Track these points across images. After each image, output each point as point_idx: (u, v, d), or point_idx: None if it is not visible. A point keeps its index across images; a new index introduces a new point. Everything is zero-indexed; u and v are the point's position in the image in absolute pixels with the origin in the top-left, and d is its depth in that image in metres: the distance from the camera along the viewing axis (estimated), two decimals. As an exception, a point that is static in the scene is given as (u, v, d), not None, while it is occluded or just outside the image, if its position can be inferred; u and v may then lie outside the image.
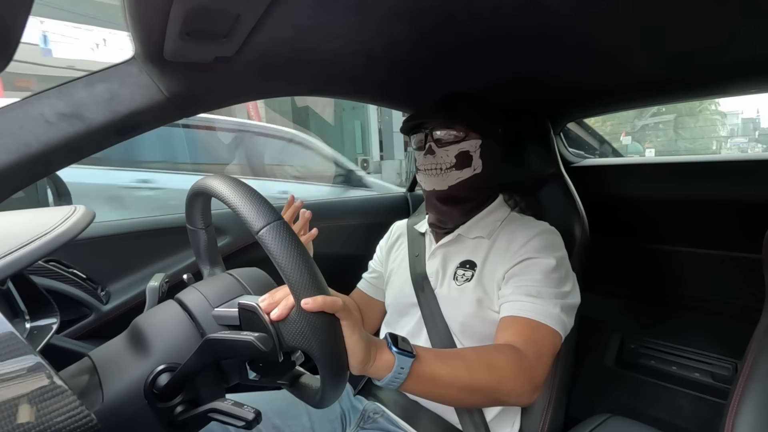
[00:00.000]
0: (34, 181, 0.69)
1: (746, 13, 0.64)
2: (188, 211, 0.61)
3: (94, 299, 1.00)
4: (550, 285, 0.75)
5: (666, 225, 1.24)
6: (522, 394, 0.65)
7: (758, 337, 0.66)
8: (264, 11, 0.59)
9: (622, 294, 1.33)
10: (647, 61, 0.85)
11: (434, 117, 0.88)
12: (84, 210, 0.52)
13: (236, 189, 0.47)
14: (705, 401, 1.03)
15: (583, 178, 1.16)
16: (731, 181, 1.13)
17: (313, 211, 0.94)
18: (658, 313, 1.22)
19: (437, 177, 0.87)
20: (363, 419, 0.88)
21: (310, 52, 0.77)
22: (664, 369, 1.12)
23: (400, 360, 0.54)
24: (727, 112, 14.77)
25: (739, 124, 15.04)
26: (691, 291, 1.20)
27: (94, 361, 0.49)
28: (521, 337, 0.70)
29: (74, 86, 0.68)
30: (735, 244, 1.11)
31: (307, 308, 0.45)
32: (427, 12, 0.65)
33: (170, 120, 0.81)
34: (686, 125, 12.51)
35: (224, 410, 0.47)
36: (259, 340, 0.45)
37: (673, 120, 11.68)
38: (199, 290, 0.55)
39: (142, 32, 0.63)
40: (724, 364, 1.04)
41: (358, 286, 1.07)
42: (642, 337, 1.18)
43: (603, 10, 0.63)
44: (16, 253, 0.41)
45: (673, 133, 11.95)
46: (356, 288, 1.07)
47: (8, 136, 0.63)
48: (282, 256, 0.44)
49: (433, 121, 0.87)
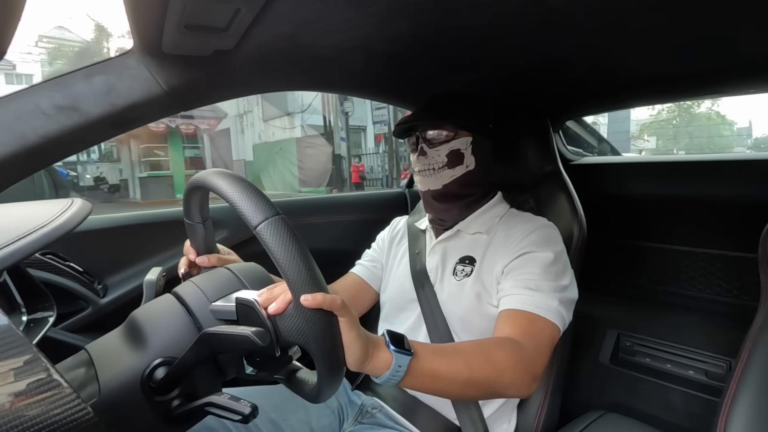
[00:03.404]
0: (30, 173, 0.69)
1: (747, 12, 0.64)
2: (186, 205, 0.60)
3: (91, 292, 1.00)
4: (549, 278, 0.76)
5: (663, 223, 1.25)
6: (521, 386, 0.65)
7: (753, 336, 0.66)
8: (264, 5, 0.58)
9: (618, 292, 1.34)
10: (647, 59, 0.85)
11: (422, 119, 0.89)
12: (81, 203, 0.52)
13: (234, 184, 0.47)
14: (699, 399, 1.03)
15: (582, 176, 1.16)
16: (729, 180, 1.13)
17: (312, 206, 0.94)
18: (654, 311, 1.23)
19: (431, 177, 0.87)
20: (361, 414, 0.89)
21: (309, 47, 0.77)
22: (658, 367, 1.13)
23: (397, 358, 0.54)
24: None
25: (733, 135, 15.82)
26: (688, 289, 1.21)
27: (90, 354, 0.49)
28: (520, 329, 0.70)
29: (72, 78, 0.68)
30: (731, 243, 1.12)
31: (306, 305, 0.45)
32: (427, 7, 0.64)
33: (168, 113, 0.80)
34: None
35: (221, 404, 0.47)
36: (256, 334, 0.45)
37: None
38: (196, 284, 0.54)
39: (141, 24, 0.63)
40: (719, 363, 1.05)
41: (353, 271, 1.05)
42: (637, 335, 1.19)
43: (603, 7, 0.63)
44: (13, 245, 0.41)
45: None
46: (350, 272, 1.06)
47: (5, 127, 0.63)
48: (280, 251, 0.44)
49: (422, 123, 0.88)
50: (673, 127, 18.52)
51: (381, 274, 1.03)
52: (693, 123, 16.90)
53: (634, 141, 17.46)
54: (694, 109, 17.57)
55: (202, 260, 0.69)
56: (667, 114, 18.85)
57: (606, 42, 0.76)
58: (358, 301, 1.01)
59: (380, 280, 1.03)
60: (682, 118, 18.43)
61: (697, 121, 17.45)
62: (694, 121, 17.46)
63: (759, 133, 17.33)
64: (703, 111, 17.39)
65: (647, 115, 18.65)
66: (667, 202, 1.23)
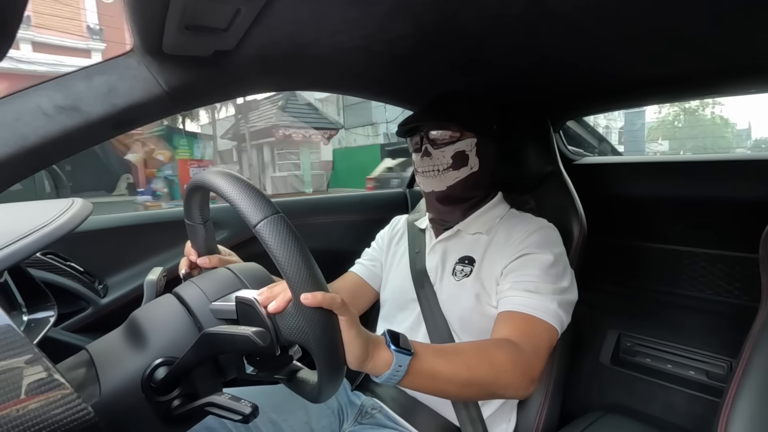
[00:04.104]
0: (31, 173, 0.69)
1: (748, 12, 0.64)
2: (186, 205, 0.61)
3: (92, 292, 1.00)
4: (548, 280, 0.76)
5: (664, 224, 1.25)
6: (518, 387, 0.65)
7: (753, 336, 0.66)
8: (264, 5, 0.58)
9: (618, 292, 1.34)
10: (648, 59, 0.85)
11: (428, 119, 0.88)
12: (82, 203, 0.52)
13: (234, 183, 0.47)
14: (700, 399, 1.03)
15: (582, 176, 1.16)
16: (729, 180, 1.13)
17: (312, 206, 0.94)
18: (655, 311, 1.23)
19: (435, 178, 0.87)
20: (361, 414, 0.89)
21: (309, 47, 0.77)
22: (659, 367, 1.13)
23: (398, 358, 0.54)
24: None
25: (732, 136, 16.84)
26: (688, 289, 1.21)
27: (91, 354, 0.49)
28: (518, 331, 0.70)
29: (72, 78, 0.68)
30: (732, 243, 1.12)
31: (307, 303, 0.45)
32: (428, 8, 0.64)
33: (169, 114, 0.80)
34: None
35: (221, 404, 0.47)
36: (256, 334, 0.45)
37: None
38: (196, 284, 0.55)
39: (141, 25, 0.63)
40: (719, 363, 1.05)
41: (353, 270, 1.05)
42: (638, 335, 1.19)
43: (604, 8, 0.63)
44: (14, 245, 0.41)
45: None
46: (349, 271, 1.05)
47: (5, 128, 0.63)
48: (279, 250, 0.44)
49: (427, 123, 0.88)
50: (679, 129, 19.78)
51: (381, 273, 1.03)
52: (697, 126, 18.12)
53: (648, 144, 18.42)
54: (699, 113, 19.16)
55: (203, 261, 0.69)
56: (673, 118, 20.17)
57: (606, 43, 0.76)
58: (357, 300, 1.01)
59: (380, 279, 1.03)
60: (688, 120, 19.84)
61: (702, 124, 18.47)
62: (699, 123, 18.47)
63: (758, 135, 18.14)
64: (707, 114, 19.00)
65: (654, 118, 20.01)
66: (667, 202, 1.23)
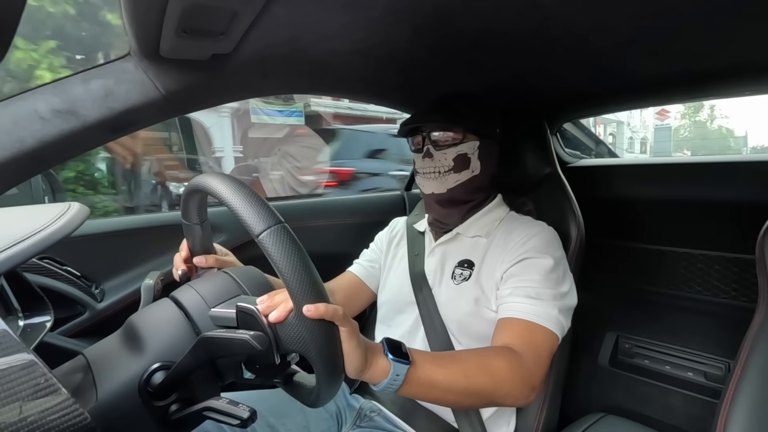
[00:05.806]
0: (28, 177, 0.69)
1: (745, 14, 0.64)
2: (184, 206, 0.60)
3: (89, 297, 1.00)
4: (549, 286, 0.75)
5: (661, 225, 1.25)
6: (519, 396, 0.65)
7: (751, 337, 0.66)
8: (261, 9, 0.59)
9: (616, 294, 1.34)
10: (644, 62, 0.86)
11: (432, 120, 0.87)
12: (78, 207, 0.52)
13: (237, 190, 0.46)
14: (698, 400, 1.03)
15: (579, 178, 1.16)
16: (726, 182, 1.13)
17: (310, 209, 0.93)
18: (653, 313, 1.23)
19: (436, 180, 0.86)
20: (359, 418, 0.88)
21: (307, 51, 0.77)
22: (657, 368, 1.13)
23: (395, 367, 0.54)
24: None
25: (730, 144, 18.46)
26: (686, 291, 1.21)
27: (88, 359, 0.49)
28: (519, 339, 0.69)
29: (69, 82, 0.68)
30: (729, 245, 1.12)
31: (309, 315, 0.45)
32: (425, 12, 0.65)
33: (166, 117, 0.80)
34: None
35: (219, 409, 0.46)
36: (254, 338, 0.45)
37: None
38: (195, 289, 0.54)
39: (139, 28, 0.63)
40: (717, 364, 1.05)
41: (350, 270, 1.04)
42: (636, 337, 1.19)
43: (601, 11, 0.64)
44: (10, 250, 0.41)
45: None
46: (347, 271, 1.05)
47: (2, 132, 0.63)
48: (282, 261, 0.44)
49: (430, 124, 0.87)
50: (691, 140, 22.98)
51: (379, 275, 1.03)
52: (708, 137, 20.71)
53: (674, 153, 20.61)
54: (708, 126, 23.21)
55: (200, 260, 0.68)
56: (684, 130, 23.67)
57: (602, 45, 0.77)
58: (354, 300, 1.00)
59: (378, 280, 1.02)
60: (699, 132, 23.60)
61: (711, 137, 21.84)
62: (708, 135, 21.81)
63: (754, 142, 19.98)
64: (714, 127, 23.07)
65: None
66: (664, 203, 1.23)
